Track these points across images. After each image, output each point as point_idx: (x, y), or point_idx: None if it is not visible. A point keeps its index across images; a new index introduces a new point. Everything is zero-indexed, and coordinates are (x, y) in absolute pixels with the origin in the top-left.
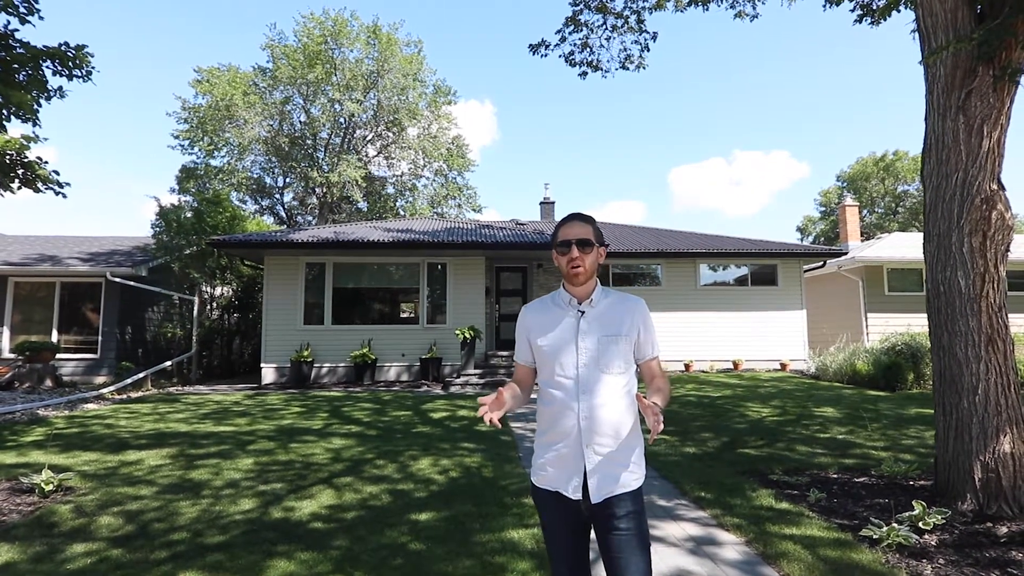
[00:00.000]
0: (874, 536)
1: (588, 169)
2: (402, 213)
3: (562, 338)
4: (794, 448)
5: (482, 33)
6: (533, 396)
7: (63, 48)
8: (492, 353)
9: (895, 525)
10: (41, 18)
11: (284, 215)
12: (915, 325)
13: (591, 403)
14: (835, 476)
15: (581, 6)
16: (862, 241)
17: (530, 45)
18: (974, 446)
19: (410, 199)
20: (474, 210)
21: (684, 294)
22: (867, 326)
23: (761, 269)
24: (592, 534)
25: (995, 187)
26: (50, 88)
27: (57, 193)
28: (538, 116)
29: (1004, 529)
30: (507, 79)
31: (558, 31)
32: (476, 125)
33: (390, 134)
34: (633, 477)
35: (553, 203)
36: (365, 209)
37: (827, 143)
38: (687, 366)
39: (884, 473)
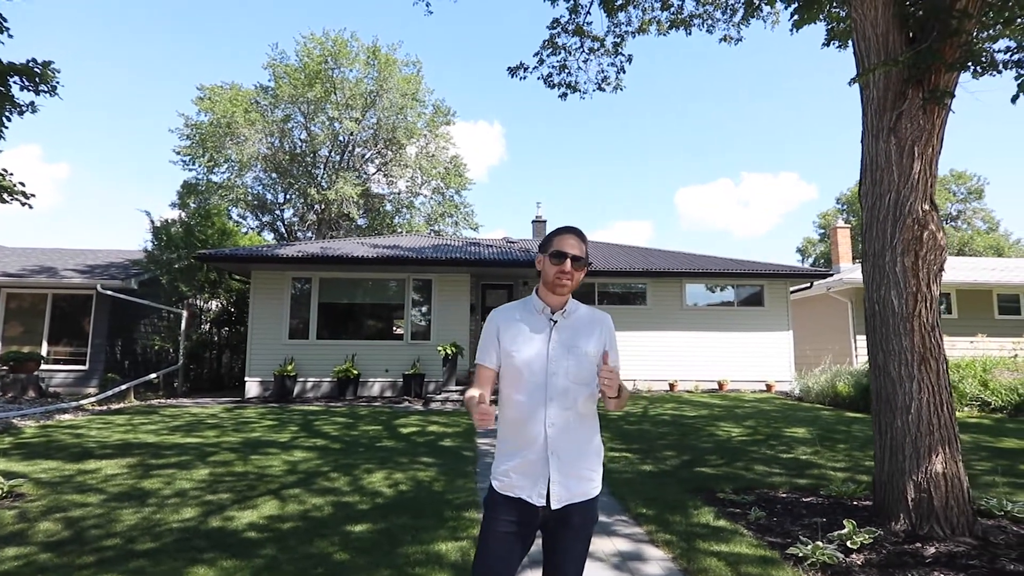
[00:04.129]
0: (800, 554)
1: (595, 188)
2: (399, 230)
3: (534, 345)
4: (752, 467)
5: (491, 55)
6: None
7: (30, 64)
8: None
9: (819, 544)
10: (11, 36)
11: (284, 231)
12: None
13: (558, 411)
14: (784, 495)
15: (558, 29)
16: (855, 263)
17: (509, 68)
18: (907, 465)
19: (407, 216)
20: (471, 228)
21: (670, 314)
22: (856, 348)
23: (748, 290)
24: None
25: (927, 207)
26: (21, 103)
27: (23, 204)
28: (546, 136)
29: (932, 549)
30: (516, 99)
31: (536, 53)
32: (485, 145)
33: (389, 152)
34: (592, 485)
35: (545, 222)
36: (364, 226)
37: (836, 165)
38: (672, 386)
39: (832, 493)
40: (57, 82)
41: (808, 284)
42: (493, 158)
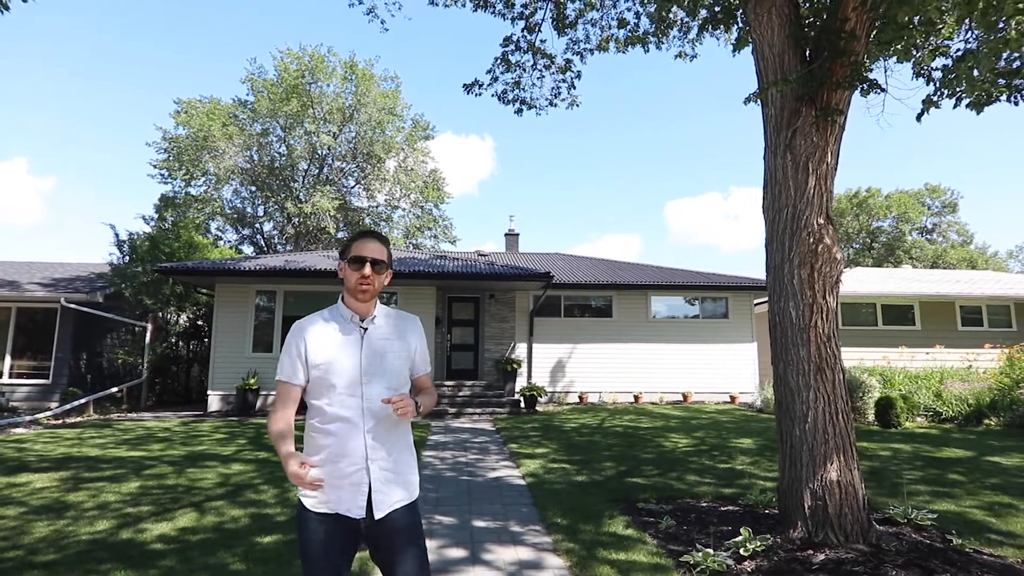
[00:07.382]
0: (692, 561)
1: (585, 201)
2: None
3: (346, 354)
4: (684, 478)
5: (484, 69)
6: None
7: None
8: (439, 383)
9: (710, 551)
10: None
11: (263, 244)
12: (867, 359)
13: (376, 419)
14: (703, 505)
15: (511, 47)
16: None
17: (464, 85)
18: (804, 474)
19: (386, 229)
20: (449, 242)
21: (635, 326)
22: None
23: (713, 302)
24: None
25: (822, 221)
26: None
27: None
28: (536, 150)
29: (821, 556)
30: (506, 114)
31: (489, 70)
32: (476, 159)
33: (368, 166)
34: (413, 488)
35: (517, 235)
36: (344, 239)
37: None
38: (636, 398)
39: (749, 502)
40: None
41: None
42: (484, 172)
